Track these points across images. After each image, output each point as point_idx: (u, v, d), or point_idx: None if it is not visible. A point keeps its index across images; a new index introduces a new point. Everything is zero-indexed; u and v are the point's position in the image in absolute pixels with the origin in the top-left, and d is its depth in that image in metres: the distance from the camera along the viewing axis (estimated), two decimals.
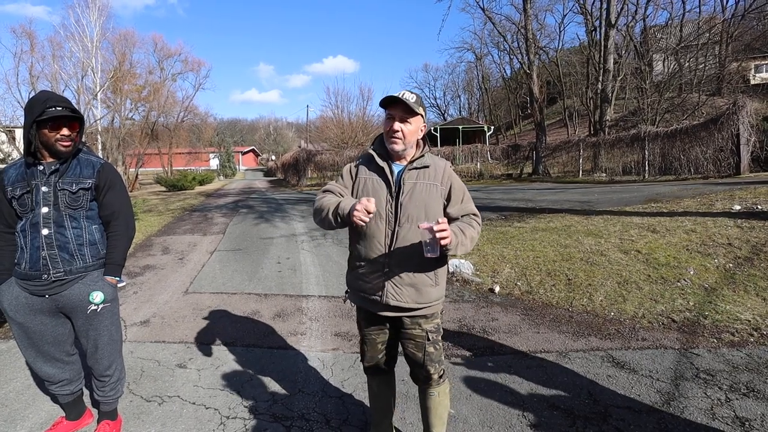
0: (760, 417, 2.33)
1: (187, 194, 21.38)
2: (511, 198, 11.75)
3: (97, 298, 2.11)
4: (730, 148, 13.01)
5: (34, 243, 2.01)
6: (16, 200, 2.01)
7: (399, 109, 1.81)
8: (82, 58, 22.63)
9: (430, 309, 1.90)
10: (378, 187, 1.86)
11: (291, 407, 2.59)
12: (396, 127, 1.81)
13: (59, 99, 1.99)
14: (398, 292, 1.83)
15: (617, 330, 3.56)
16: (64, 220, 2.04)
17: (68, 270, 2.05)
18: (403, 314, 1.88)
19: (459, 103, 63.43)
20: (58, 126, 1.97)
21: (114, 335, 2.26)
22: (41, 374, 2.21)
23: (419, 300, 1.85)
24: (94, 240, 2.13)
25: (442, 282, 1.92)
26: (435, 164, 1.90)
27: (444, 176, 1.88)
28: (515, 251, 5.74)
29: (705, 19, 26.18)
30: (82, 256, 2.08)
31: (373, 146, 1.96)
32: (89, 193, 2.10)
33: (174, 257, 6.83)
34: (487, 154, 25.44)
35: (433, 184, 1.85)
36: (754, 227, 5.47)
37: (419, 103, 1.83)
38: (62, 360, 2.20)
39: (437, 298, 1.90)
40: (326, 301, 4.62)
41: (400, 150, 1.84)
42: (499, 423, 2.39)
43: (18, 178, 2.03)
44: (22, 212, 2.02)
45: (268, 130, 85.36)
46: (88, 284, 2.10)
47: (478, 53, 46.05)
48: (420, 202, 1.82)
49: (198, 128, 43.99)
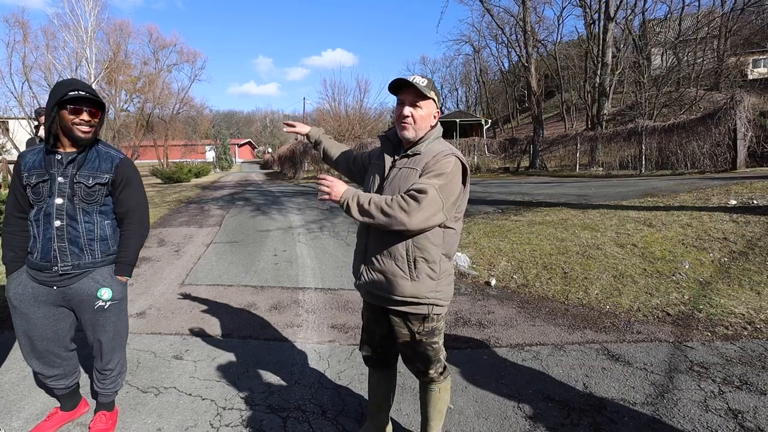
0: (752, 409, 2.35)
1: (183, 186, 21.26)
2: (507, 191, 11.75)
3: (105, 294, 2.09)
4: (727, 143, 13.03)
5: (46, 234, 1.98)
6: (30, 188, 1.99)
7: (410, 94, 1.76)
8: (77, 48, 22.44)
9: (413, 308, 1.78)
10: (376, 175, 1.90)
11: (287, 398, 2.60)
12: (406, 112, 1.76)
13: (84, 85, 1.97)
14: (369, 277, 1.83)
15: (612, 323, 3.58)
16: (77, 214, 2.01)
17: (76, 264, 2.02)
18: (384, 304, 1.84)
19: (456, 96, 63.37)
20: (79, 110, 1.94)
21: (120, 331, 2.24)
22: (34, 369, 2.18)
23: (390, 290, 1.77)
24: (105, 236, 2.11)
25: (425, 279, 1.75)
26: (429, 151, 1.77)
27: (431, 161, 1.72)
28: (512, 244, 5.75)
29: (704, 13, 26.15)
30: (91, 251, 2.06)
31: (385, 134, 1.95)
32: (105, 188, 2.07)
33: (170, 249, 6.80)
34: (484, 148, 25.42)
35: (413, 170, 1.75)
36: (750, 222, 5.50)
37: (431, 86, 1.77)
38: (59, 355, 2.17)
39: (414, 294, 1.75)
40: (323, 293, 4.62)
41: (411, 136, 1.79)
42: (495, 414, 2.41)
43: (35, 164, 2.00)
44: (36, 200, 2.00)
45: (264, 122, 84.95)
46: (97, 280, 2.08)
47: (476, 46, 45.80)
48: (395, 186, 1.77)
49: (194, 120, 43.67)
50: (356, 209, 1.69)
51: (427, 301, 1.78)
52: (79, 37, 22.58)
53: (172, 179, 24.19)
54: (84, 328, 2.16)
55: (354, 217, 1.70)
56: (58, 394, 2.30)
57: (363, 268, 1.86)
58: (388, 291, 1.78)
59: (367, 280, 1.84)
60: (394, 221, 1.64)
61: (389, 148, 1.90)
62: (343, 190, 1.71)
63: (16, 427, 2.36)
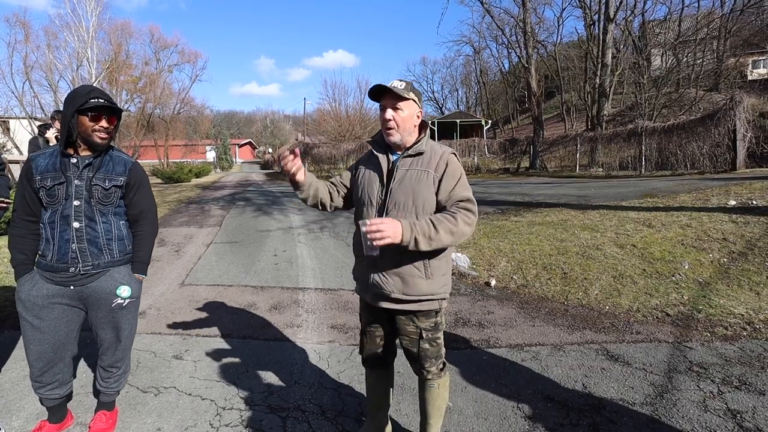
0: (751, 409, 2.35)
1: (183, 186, 21.28)
2: (508, 192, 11.76)
3: (125, 292, 2.13)
4: (727, 144, 13.03)
5: (64, 236, 2.01)
6: (45, 190, 2.00)
7: (389, 98, 1.80)
8: (78, 48, 22.47)
9: (425, 305, 1.82)
10: (373, 176, 1.88)
11: (287, 398, 2.60)
12: (388, 115, 1.79)
13: (103, 93, 2.02)
14: (384, 280, 1.81)
15: (612, 323, 3.59)
16: (95, 215, 2.06)
17: (96, 264, 2.07)
18: (394, 305, 1.83)
19: (457, 96, 63.34)
20: (98, 117, 1.99)
21: (133, 330, 2.30)
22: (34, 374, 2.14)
23: (406, 291, 1.79)
24: (121, 235, 2.17)
25: (438, 276, 1.82)
26: (432, 151, 1.83)
27: (440, 162, 1.79)
28: (512, 245, 5.76)
29: (703, 14, 26.17)
30: (110, 250, 2.11)
31: (373, 139, 1.96)
32: (120, 190, 2.13)
33: (170, 249, 6.81)
34: (484, 149, 25.41)
35: (425, 171, 1.79)
36: (749, 222, 5.51)
37: (409, 88, 1.81)
38: (62, 359, 2.15)
39: (429, 292, 1.80)
40: (323, 293, 4.62)
41: (397, 140, 1.83)
42: (494, 415, 2.41)
43: (49, 168, 2.03)
44: (50, 203, 2.02)
45: (265, 122, 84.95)
46: (116, 278, 2.12)
47: (476, 47, 45.78)
48: (408, 188, 1.78)
49: (194, 120, 43.70)
50: (425, 242, 1.63)
51: (439, 296, 1.84)
52: (80, 37, 22.63)
53: (173, 179, 24.20)
54: (95, 327, 2.17)
55: (422, 250, 1.64)
56: (48, 406, 2.25)
57: (373, 271, 1.84)
58: (404, 291, 1.80)
59: (380, 283, 1.82)
60: (458, 238, 1.69)
61: (381, 149, 1.91)
62: (401, 230, 1.60)
63: (16, 426, 2.36)
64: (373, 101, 1.89)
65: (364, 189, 1.90)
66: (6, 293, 4.50)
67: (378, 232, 1.56)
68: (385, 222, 1.59)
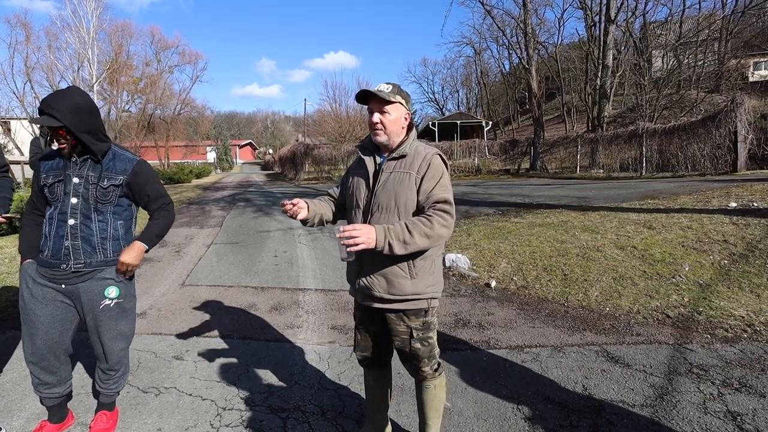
0: (751, 412, 2.35)
1: (183, 187, 21.30)
2: (508, 193, 11.76)
3: (112, 293, 2.12)
4: (728, 146, 13.02)
5: (59, 232, 2.04)
6: (47, 188, 2.06)
7: (376, 102, 1.82)
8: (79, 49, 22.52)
9: (411, 304, 1.84)
10: (360, 181, 1.92)
11: (287, 399, 2.60)
12: (375, 119, 1.82)
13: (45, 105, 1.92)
14: (371, 282, 1.83)
15: (612, 325, 3.59)
16: (91, 213, 2.08)
17: (88, 262, 2.07)
18: (382, 305, 1.85)
19: (457, 97, 63.32)
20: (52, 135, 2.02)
21: (125, 333, 2.24)
22: (32, 372, 2.15)
23: (392, 291, 1.80)
24: (117, 235, 2.16)
25: (424, 276, 1.82)
26: (416, 152, 1.85)
27: (422, 163, 1.80)
28: (512, 246, 5.76)
29: (704, 16, 26.16)
30: (104, 250, 2.11)
31: (361, 143, 1.99)
32: (119, 189, 2.13)
33: (171, 250, 6.82)
34: (484, 150, 25.39)
35: (407, 173, 1.80)
36: (750, 224, 5.50)
37: (396, 91, 1.83)
38: (58, 358, 2.16)
39: (414, 292, 1.81)
40: (323, 294, 4.63)
41: (384, 141, 1.85)
42: (494, 416, 2.41)
43: (53, 166, 2.09)
44: (52, 200, 2.08)
45: (265, 123, 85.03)
46: (106, 279, 2.12)
47: (476, 48, 45.72)
48: (391, 190, 1.80)
49: (195, 121, 43.79)
50: (400, 246, 1.64)
51: (426, 295, 1.85)
52: (81, 38, 22.68)
53: (173, 180, 24.26)
54: (89, 330, 2.17)
55: (397, 254, 1.65)
56: (48, 405, 2.25)
57: (360, 272, 1.86)
58: (389, 291, 1.81)
59: (366, 284, 1.85)
60: (435, 240, 1.70)
61: (368, 152, 1.94)
62: (375, 234, 1.63)
63: (17, 426, 2.37)
64: (361, 104, 1.91)
65: (353, 193, 1.94)
66: (6, 293, 4.51)
67: (351, 239, 1.58)
68: (357, 228, 1.61)
